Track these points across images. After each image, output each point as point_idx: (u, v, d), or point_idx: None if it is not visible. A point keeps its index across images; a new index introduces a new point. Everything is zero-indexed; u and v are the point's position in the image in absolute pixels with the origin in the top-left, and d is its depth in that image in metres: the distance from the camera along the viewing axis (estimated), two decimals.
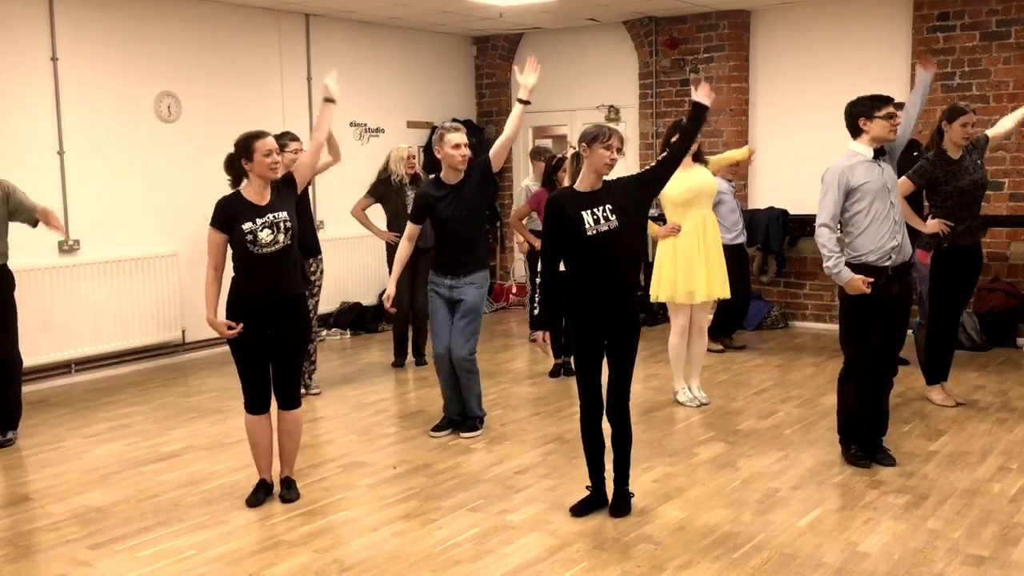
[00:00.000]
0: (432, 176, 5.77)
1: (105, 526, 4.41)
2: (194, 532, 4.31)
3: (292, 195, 4.60)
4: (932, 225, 5.87)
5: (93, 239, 7.54)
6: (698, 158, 6.24)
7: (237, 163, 4.47)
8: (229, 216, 4.43)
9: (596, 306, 4.25)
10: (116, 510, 4.61)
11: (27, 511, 4.64)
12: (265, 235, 4.40)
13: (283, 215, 4.46)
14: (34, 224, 5.73)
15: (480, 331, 5.75)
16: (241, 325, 4.43)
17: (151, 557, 4.05)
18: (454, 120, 10.28)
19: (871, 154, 4.83)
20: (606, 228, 4.15)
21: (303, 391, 6.70)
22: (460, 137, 5.46)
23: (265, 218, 4.42)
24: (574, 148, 4.60)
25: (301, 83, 9.08)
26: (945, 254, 5.94)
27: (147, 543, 4.19)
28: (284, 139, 6.47)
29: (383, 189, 7.45)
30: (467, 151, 5.48)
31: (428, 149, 10.25)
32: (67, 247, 7.38)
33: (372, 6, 8.71)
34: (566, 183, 4.52)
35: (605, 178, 4.28)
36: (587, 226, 4.15)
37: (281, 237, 4.44)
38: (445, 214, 5.49)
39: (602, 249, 4.17)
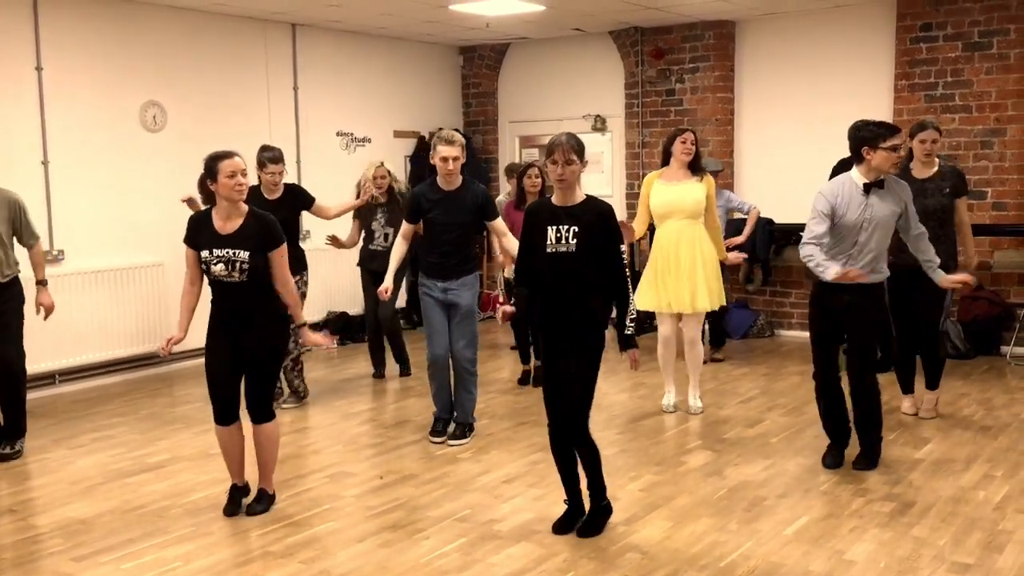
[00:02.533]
0: (428, 180, 5.76)
1: (89, 538, 4.37)
2: (179, 544, 4.28)
3: (267, 232, 4.42)
4: None
5: (78, 249, 7.50)
6: (696, 170, 6.16)
7: (205, 184, 4.41)
8: (195, 234, 4.45)
9: (549, 322, 4.19)
10: (100, 522, 4.58)
11: (10, 523, 4.59)
12: (219, 268, 4.35)
13: (243, 255, 4.35)
14: (29, 247, 5.71)
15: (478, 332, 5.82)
16: (171, 341, 4.45)
17: (136, 569, 4.02)
18: (441, 130, 10.36)
19: (862, 185, 4.83)
20: (564, 250, 4.08)
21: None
22: (450, 151, 5.46)
23: (223, 252, 4.35)
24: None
25: (287, 93, 9.07)
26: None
27: (132, 555, 4.16)
28: (263, 156, 6.42)
29: (361, 209, 7.35)
30: (454, 165, 5.49)
31: (415, 158, 10.27)
32: (51, 257, 7.34)
33: (358, 16, 8.72)
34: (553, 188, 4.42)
35: (590, 194, 4.19)
36: (548, 242, 4.10)
37: (236, 275, 4.36)
38: (438, 219, 5.54)
39: (553, 270, 4.11)
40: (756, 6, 8.65)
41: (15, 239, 5.66)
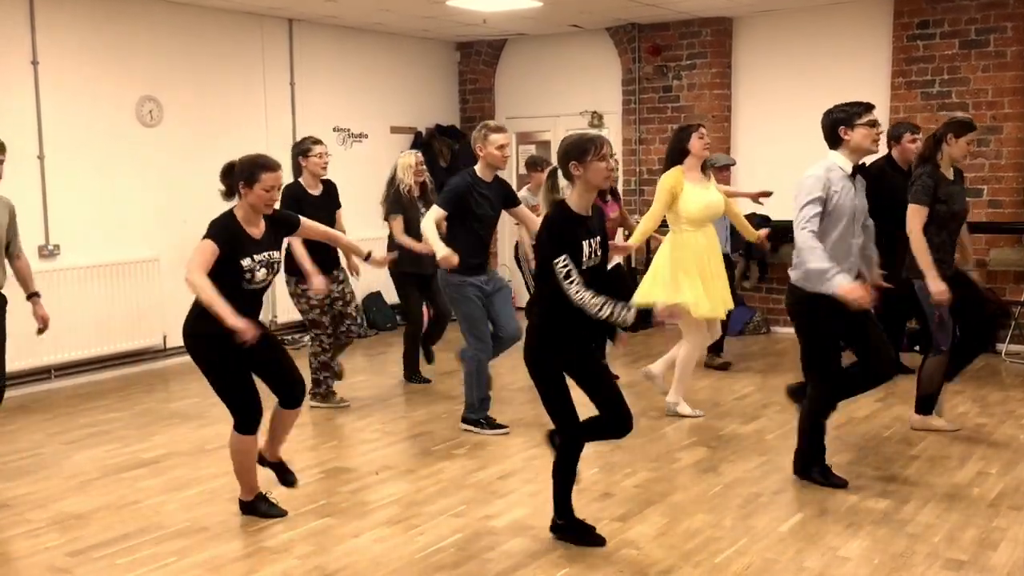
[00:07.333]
0: (467, 171, 5.71)
1: (85, 533, 4.37)
2: (175, 539, 4.28)
3: (282, 222, 4.39)
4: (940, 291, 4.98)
5: (73, 244, 7.50)
6: (704, 167, 6.12)
7: (236, 181, 4.16)
8: (230, 238, 4.09)
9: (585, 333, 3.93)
10: (96, 517, 4.58)
11: (5, 518, 4.59)
12: (261, 274, 4.18)
13: (277, 256, 4.29)
14: (18, 259, 5.25)
15: None
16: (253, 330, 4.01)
17: (131, 564, 4.02)
18: (438, 126, 10.38)
19: (849, 169, 4.53)
20: (594, 263, 3.84)
21: None
22: (506, 138, 5.59)
23: (263, 256, 4.18)
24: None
25: (284, 88, 9.06)
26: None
27: (127, 550, 4.16)
28: (306, 143, 6.23)
29: (404, 202, 6.78)
30: (509, 153, 5.63)
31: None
32: (47, 252, 7.34)
33: (355, 11, 8.71)
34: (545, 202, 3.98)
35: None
36: (584, 257, 3.76)
37: (271, 277, 4.28)
38: (488, 212, 5.64)
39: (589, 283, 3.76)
40: (753, 3, 8.65)
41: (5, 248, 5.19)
